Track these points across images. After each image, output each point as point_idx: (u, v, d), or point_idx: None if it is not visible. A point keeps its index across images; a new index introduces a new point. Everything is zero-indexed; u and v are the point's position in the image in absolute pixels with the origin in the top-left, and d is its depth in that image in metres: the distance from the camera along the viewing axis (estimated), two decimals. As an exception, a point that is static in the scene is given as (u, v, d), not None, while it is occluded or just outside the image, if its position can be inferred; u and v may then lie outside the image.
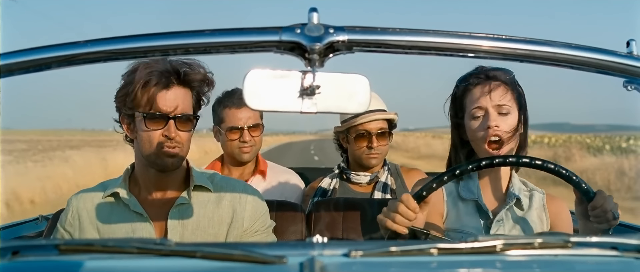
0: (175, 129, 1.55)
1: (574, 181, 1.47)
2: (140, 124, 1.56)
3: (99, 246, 0.94)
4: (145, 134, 1.55)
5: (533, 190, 1.76)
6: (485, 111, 1.62)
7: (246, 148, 2.44)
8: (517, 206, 1.70)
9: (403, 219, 1.42)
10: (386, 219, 1.45)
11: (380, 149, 2.44)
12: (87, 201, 1.67)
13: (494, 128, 1.60)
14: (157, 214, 1.62)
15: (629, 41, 1.02)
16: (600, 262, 1.00)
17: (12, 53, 0.92)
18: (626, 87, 1.04)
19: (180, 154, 1.58)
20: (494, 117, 1.61)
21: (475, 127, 1.63)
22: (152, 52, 0.92)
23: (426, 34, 0.92)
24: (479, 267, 0.96)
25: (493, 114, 1.61)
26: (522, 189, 1.74)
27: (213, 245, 1.07)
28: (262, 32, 0.90)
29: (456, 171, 1.47)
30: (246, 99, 0.86)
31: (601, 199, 1.45)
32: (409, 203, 1.43)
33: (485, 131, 1.61)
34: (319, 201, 2.26)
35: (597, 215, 1.45)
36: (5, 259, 0.94)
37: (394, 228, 1.43)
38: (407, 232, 1.44)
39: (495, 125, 1.60)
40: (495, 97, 1.61)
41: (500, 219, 1.65)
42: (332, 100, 0.87)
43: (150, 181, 1.64)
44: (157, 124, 1.54)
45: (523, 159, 1.48)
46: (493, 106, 1.61)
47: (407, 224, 1.43)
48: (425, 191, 1.46)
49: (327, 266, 0.89)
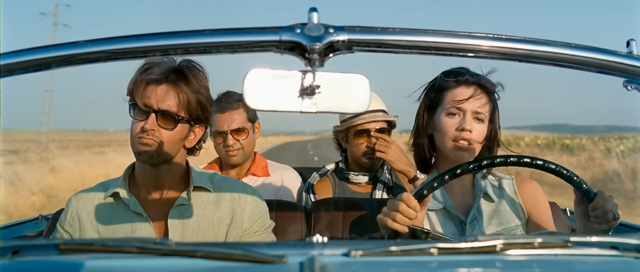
0: (155, 122, 1.54)
1: (575, 181, 1.47)
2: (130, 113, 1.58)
3: (99, 246, 0.94)
4: (132, 124, 1.57)
5: (501, 178, 1.77)
6: (463, 113, 1.64)
7: (231, 151, 2.50)
8: (487, 199, 1.71)
9: (403, 217, 1.42)
10: (386, 218, 1.45)
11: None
12: (86, 202, 1.66)
13: (467, 131, 1.63)
14: (157, 214, 1.62)
15: (629, 41, 1.02)
16: (600, 262, 1.00)
17: (12, 53, 0.92)
18: (626, 87, 1.04)
19: (153, 150, 1.55)
20: (469, 121, 1.64)
21: (448, 124, 1.65)
22: (152, 52, 0.92)
23: (426, 34, 0.92)
24: (479, 267, 0.96)
25: (469, 118, 1.64)
26: (488, 180, 1.75)
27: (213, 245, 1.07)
28: (262, 32, 0.90)
29: (457, 170, 1.46)
30: (246, 98, 0.86)
31: (602, 199, 1.45)
32: (410, 201, 1.42)
33: (458, 132, 1.63)
34: (318, 201, 2.26)
35: (598, 216, 1.45)
36: (5, 259, 0.94)
37: (395, 227, 1.43)
38: (408, 231, 1.44)
39: (469, 128, 1.63)
40: (477, 103, 1.64)
41: (472, 218, 1.67)
42: (332, 100, 0.87)
43: (148, 180, 1.64)
44: (141, 115, 1.56)
45: (524, 158, 1.48)
46: (472, 111, 1.64)
47: (407, 223, 1.43)
48: (426, 190, 1.45)
49: (327, 265, 0.89)
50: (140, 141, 1.55)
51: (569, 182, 1.47)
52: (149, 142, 1.54)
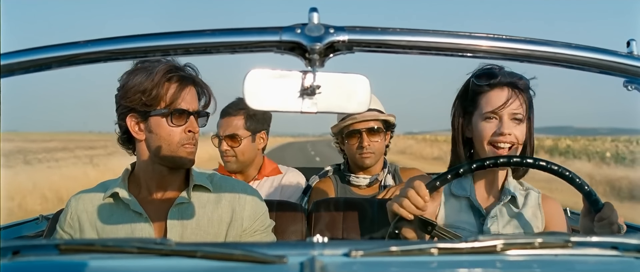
0: (196, 124, 1.62)
1: (585, 190, 1.46)
2: (158, 122, 1.58)
3: (99, 246, 0.94)
4: (165, 131, 1.58)
5: (529, 189, 1.77)
6: (500, 117, 1.61)
7: (225, 157, 2.55)
8: (512, 204, 1.70)
9: (410, 204, 1.42)
10: (394, 202, 1.45)
11: (373, 147, 2.41)
12: (86, 203, 1.66)
13: (506, 136, 1.59)
14: (156, 213, 1.62)
15: (629, 41, 1.02)
16: (600, 262, 1.00)
17: (12, 53, 0.92)
18: (626, 87, 1.04)
19: (195, 149, 1.64)
20: (508, 125, 1.60)
21: (486, 130, 1.62)
22: (152, 52, 0.92)
23: (426, 34, 0.92)
24: (479, 267, 0.96)
25: (507, 122, 1.60)
26: (518, 188, 1.74)
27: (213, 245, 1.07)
28: (262, 32, 0.90)
29: (473, 165, 1.46)
30: (246, 98, 0.86)
31: (609, 210, 1.45)
32: (420, 189, 1.42)
33: (497, 137, 1.60)
34: (318, 201, 2.26)
35: (603, 227, 1.44)
36: (5, 259, 0.94)
37: (400, 212, 1.43)
38: (412, 219, 1.43)
39: (508, 132, 1.59)
40: (513, 106, 1.60)
41: (494, 215, 1.66)
42: (332, 100, 0.87)
43: (153, 181, 1.64)
44: (180, 120, 1.58)
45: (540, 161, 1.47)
46: (509, 114, 1.61)
47: (413, 211, 1.42)
48: (438, 182, 1.45)
49: (328, 265, 0.89)
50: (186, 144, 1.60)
51: (580, 190, 1.47)
52: (195, 143, 1.64)
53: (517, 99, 1.61)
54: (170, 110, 1.57)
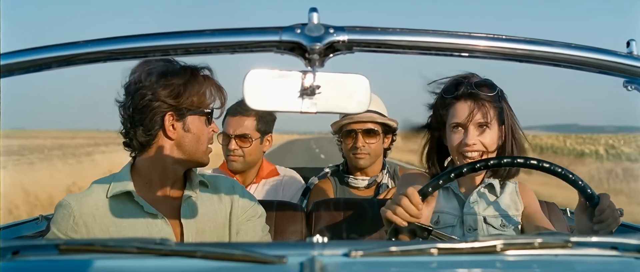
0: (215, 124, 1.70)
1: (580, 185, 1.46)
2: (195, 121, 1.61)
3: (99, 246, 0.94)
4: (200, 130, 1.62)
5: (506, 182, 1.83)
6: (465, 128, 1.67)
7: (232, 156, 2.50)
8: (490, 191, 1.77)
9: (404, 212, 1.42)
10: (387, 210, 1.46)
11: (368, 149, 2.40)
12: (89, 205, 1.57)
13: (472, 146, 1.66)
14: (168, 211, 1.62)
15: (629, 41, 1.02)
16: (600, 262, 1.00)
17: (12, 53, 0.92)
18: (626, 87, 1.04)
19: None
20: (472, 135, 1.66)
21: (454, 141, 1.69)
22: (152, 52, 0.92)
23: (426, 34, 0.92)
24: (479, 267, 0.96)
25: (472, 132, 1.67)
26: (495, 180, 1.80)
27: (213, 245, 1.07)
28: (262, 32, 0.90)
29: (463, 169, 1.47)
30: (246, 98, 0.86)
31: (607, 200, 1.45)
32: (413, 197, 1.43)
33: (464, 147, 1.67)
34: (318, 201, 2.26)
35: (606, 217, 1.44)
36: (5, 259, 0.94)
37: (394, 220, 1.43)
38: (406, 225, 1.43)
39: (472, 143, 1.66)
40: (477, 116, 1.66)
41: (474, 200, 1.73)
42: (332, 100, 0.87)
43: (162, 179, 1.63)
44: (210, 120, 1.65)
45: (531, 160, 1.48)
46: (474, 124, 1.67)
47: (407, 218, 1.43)
48: (431, 188, 1.46)
49: (327, 265, 0.89)
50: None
51: (574, 186, 1.47)
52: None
53: (480, 109, 1.66)
54: (208, 111, 1.62)
